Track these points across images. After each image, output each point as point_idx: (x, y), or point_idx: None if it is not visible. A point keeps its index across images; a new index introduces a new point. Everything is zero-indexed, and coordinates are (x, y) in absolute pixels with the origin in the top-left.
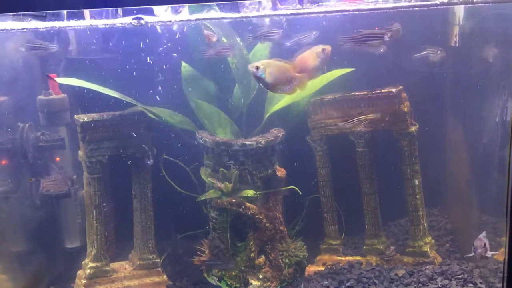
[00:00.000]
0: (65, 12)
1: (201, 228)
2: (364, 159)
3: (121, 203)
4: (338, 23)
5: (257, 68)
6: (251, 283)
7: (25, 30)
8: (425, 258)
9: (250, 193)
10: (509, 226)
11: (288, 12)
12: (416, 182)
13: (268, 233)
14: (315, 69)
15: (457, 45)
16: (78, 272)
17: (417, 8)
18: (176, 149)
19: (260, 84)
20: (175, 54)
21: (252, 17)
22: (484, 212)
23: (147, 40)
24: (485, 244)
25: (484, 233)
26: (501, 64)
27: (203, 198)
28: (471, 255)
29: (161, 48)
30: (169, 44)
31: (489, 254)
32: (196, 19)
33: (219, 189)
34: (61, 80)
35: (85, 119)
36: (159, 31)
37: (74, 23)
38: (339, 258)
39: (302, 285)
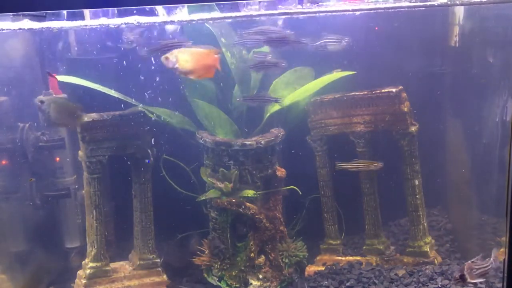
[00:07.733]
0: (65, 12)
1: (201, 228)
2: (364, 159)
3: (121, 203)
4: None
5: (167, 58)
6: (251, 283)
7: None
8: (425, 258)
9: (250, 193)
10: (509, 226)
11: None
12: (416, 182)
13: (268, 233)
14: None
15: (457, 45)
16: (78, 272)
17: (417, 8)
18: (176, 149)
19: (178, 73)
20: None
21: (253, 17)
22: (484, 212)
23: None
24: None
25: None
26: (501, 64)
27: (203, 198)
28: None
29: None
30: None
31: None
32: (197, 19)
33: (219, 189)
34: (61, 78)
35: (85, 119)
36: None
37: (74, 23)
38: (339, 258)
39: None
